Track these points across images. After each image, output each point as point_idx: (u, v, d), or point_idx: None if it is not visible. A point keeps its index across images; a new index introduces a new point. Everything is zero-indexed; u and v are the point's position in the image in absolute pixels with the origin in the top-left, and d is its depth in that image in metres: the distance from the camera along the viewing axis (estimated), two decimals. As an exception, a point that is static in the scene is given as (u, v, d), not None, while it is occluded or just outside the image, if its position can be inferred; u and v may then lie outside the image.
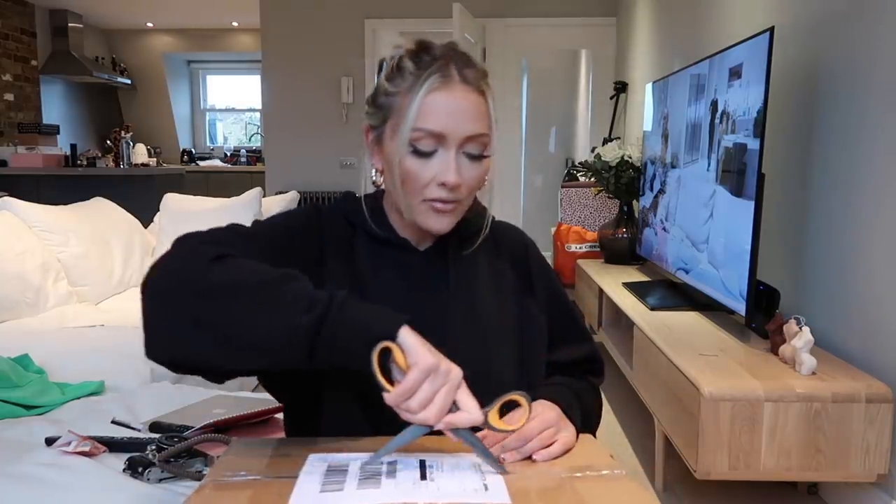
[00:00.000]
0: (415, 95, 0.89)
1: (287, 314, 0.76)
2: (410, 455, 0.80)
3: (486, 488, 0.73)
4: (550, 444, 0.85)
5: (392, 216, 0.99)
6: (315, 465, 0.78)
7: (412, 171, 0.91)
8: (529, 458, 0.83)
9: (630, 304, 2.65)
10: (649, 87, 3.36)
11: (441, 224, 0.93)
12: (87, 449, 1.32)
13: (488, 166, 0.94)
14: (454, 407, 0.76)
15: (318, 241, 0.98)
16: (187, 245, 0.85)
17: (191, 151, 8.24)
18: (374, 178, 0.98)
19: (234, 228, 0.92)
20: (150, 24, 7.89)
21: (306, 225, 0.99)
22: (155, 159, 6.81)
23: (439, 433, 0.78)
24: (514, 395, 0.81)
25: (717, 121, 2.38)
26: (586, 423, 0.97)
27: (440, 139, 0.89)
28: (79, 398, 1.71)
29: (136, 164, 6.22)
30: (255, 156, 8.19)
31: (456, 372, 0.76)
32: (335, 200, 1.02)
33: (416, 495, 0.70)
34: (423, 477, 0.75)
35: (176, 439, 1.28)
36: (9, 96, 6.48)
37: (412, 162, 0.91)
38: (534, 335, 1.03)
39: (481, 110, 0.91)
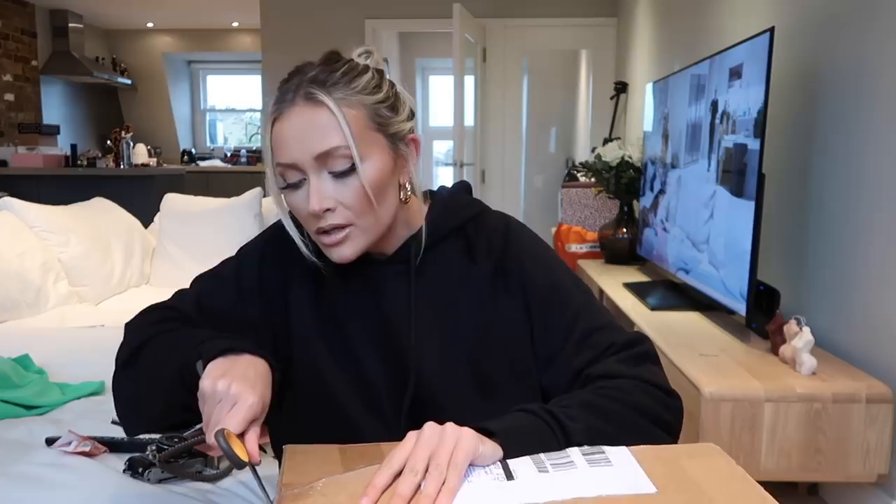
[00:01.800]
0: (265, 132, 0.86)
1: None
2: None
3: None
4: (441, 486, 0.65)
5: None
6: None
7: (293, 205, 0.87)
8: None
9: (630, 305, 2.65)
10: (649, 87, 3.36)
11: (339, 253, 0.87)
12: (87, 449, 1.32)
13: (373, 176, 0.85)
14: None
15: (278, 273, 0.96)
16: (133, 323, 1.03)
17: (191, 152, 8.23)
18: None
19: (194, 294, 0.99)
20: (150, 24, 7.89)
21: (259, 263, 0.97)
22: (155, 159, 6.81)
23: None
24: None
25: (717, 121, 2.38)
26: (621, 423, 0.80)
27: (297, 168, 0.84)
28: (79, 398, 1.71)
29: (136, 165, 6.22)
30: (256, 156, 8.18)
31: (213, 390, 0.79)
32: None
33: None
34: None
35: (176, 439, 1.28)
36: (9, 96, 6.48)
37: (290, 197, 0.87)
38: (513, 336, 0.92)
39: (326, 123, 0.83)
